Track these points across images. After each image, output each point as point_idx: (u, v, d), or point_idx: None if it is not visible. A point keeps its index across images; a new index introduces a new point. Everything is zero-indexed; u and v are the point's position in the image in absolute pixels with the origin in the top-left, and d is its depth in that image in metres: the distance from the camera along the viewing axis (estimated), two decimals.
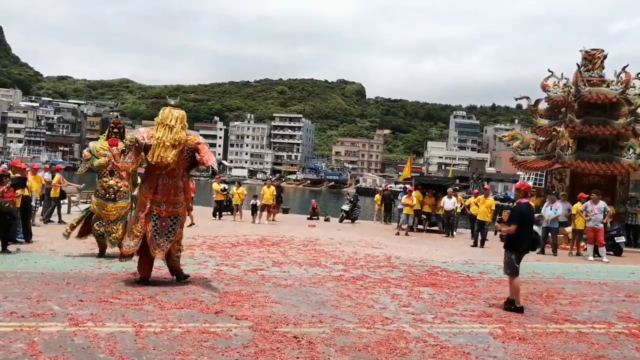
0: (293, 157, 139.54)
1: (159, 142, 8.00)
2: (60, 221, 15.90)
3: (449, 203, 19.24)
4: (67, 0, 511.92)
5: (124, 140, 10.31)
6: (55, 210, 16.41)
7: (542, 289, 9.56)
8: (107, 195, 10.32)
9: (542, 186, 23.77)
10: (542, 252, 15.21)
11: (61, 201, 17.14)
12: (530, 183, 43.80)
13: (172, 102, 8.64)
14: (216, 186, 22.04)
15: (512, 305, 7.71)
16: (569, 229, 16.14)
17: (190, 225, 15.99)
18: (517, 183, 9.02)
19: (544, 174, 23.11)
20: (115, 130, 10.78)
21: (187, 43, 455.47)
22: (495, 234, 18.98)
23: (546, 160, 19.37)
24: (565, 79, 19.83)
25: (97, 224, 10.34)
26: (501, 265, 10.96)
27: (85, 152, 10.80)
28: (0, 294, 6.80)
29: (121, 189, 10.46)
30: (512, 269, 7.82)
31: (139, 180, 9.81)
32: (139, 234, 8.13)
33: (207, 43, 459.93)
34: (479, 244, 16.19)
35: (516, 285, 7.79)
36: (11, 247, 10.48)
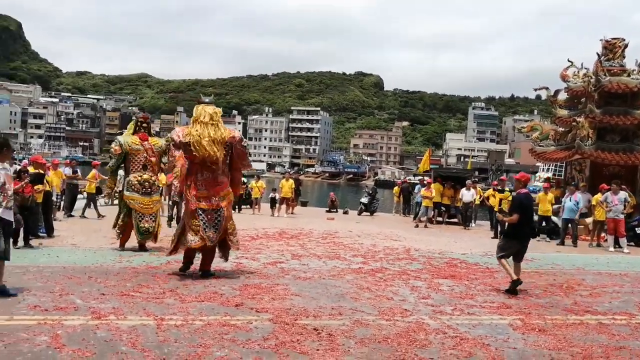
0: (311, 150, 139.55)
1: (198, 138, 8.18)
2: (100, 215, 16.20)
3: (467, 195, 19.14)
4: None
5: (167, 140, 10.22)
6: (74, 205, 16.66)
7: (562, 280, 9.49)
8: (144, 189, 10.42)
9: (562, 177, 23.51)
10: (562, 243, 15.09)
11: (96, 196, 17.35)
12: (550, 174, 43.27)
13: (207, 100, 8.85)
14: None
15: (512, 287, 8.13)
16: (589, 220, 15.98)
17: None
18: (517, 174, 9.31)
19: (564, 165, 22.86)
20: (144, 125, 11.01)
21: (204, 38, 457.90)
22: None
23: (566, 151, 19.13)
24: (585, 68, 19.54)
25: (142, 220, 10.38)
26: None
27: (115, 147, 10.74)
28: (24, 287, 6.92)
29: (155, 182, 10.69)
30: (500, 250, 8.50)
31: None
32: (198, 228, 8.30)
33: (225, 37, 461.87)
34: (499, 235, 16.04)
35: (505, 264, 8.38)
36: (33, 242, 10.65)
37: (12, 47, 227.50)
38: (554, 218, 16.50)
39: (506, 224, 9.24)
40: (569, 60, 19.76)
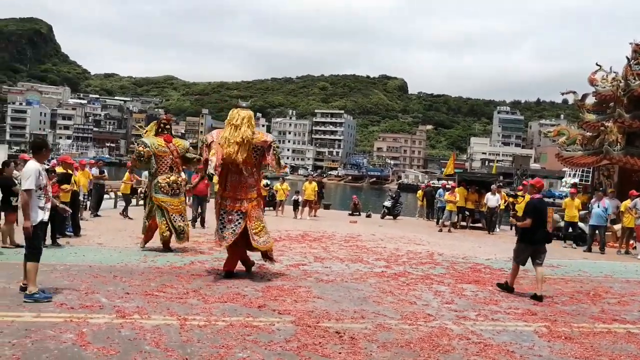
0: (334, 153, 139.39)
1: (226, 140, 8.37)
2: (126, 216, 16.42)
3: (492, 200, 18.92)
4: (114, 0, 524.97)
5: (203, 140, 10.07)
6: (101, 205, 16.90)
7: (589, 288, 9.32)
8: (172, 190, 10.51)
9: (589, 183, 23.12)
10: (589, 250, 14.83)
11: (131, 197, 17.60)
12: (577, 180, 42.71)
13: (244, 104, 9.03)
14: None
15: (504, 287, 8.59)
16: (617, 227, 15.67)
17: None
18: (533, 179, 9.60)
19: (591, 170, 22.46)
20: (167, 126, 11.06)
21: (229, 40, 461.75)
22: (511, 228, 18.63)
23: (593, 156, 18.82)
24: (614, 72, 19.22)
25: (177, 221, 10.44)
26: (546, 263, 10.99)
27: (145, 149, 10.54)
28: (51, 286, 7.03)
29: (181, 183, 10.79)
30: (515, 255, 8.67)
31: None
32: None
33: (249, 40, 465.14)
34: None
35: (516, 270, 8.65)
36: (61, 241, 10.83)
37: (44, 50, 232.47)
38: (580, 224, 16.24)
39: (512, 228, 9.28)
40: (597, 64, 19.46)
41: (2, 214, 10.36)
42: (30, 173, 6.48)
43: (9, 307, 5.99)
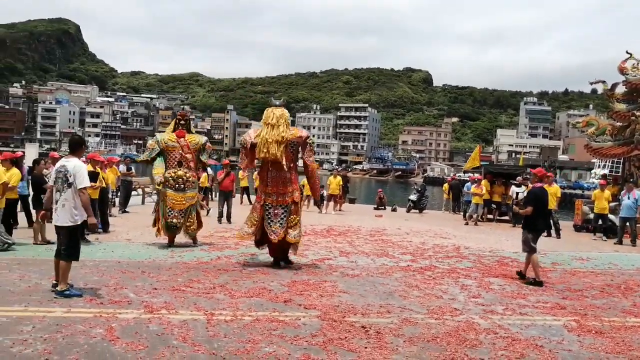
0: (359, 147, 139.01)
1: (263, 139, 8.88)
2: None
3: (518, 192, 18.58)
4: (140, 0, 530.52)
5: (242, 143, 10.15)
6: (129, 201, 17.13)
7: (620, 281, 9.15)
8: (177, 185, 10.54)
9: (619, 174, 22.63)
10: (620, 242, 14.55)
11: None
12: (606, 171, 41.82)
13: (277, 103, 9.31)
14: None
15: (531, 279, 8.54)
16: None
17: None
18: (535, 169, 9.75)
19: (621, 161, 21.98)
20: (182, 122, 11.09)
21: (253, 37, 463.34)
22: (514, 216, 18.27)
23: (624, 146, 18.41)
24: None
25: (170, 215, 10.51)
26: (575, 256, 10.83)
27: (151, 142, 11.11)
28: (81, 281, 7.16)
29: (190, 179, 10.70)
30: (529, 246, 8.76)
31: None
32: (255, 222, 9.14)
33: (273, 36, 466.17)
34: (553, 234, 15.58)
35: (535, 260, 8.68)
36: (90, 237, 11.01)
37: (72, 50, 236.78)
38: (611, 216, 15.92)
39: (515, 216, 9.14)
40: (627, 52, 18.94)
41: (34, 211, 10.58)
42: (85, 171, 6.74)
43: (41, 303, 6.12)
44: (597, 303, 7.46)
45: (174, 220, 10.52)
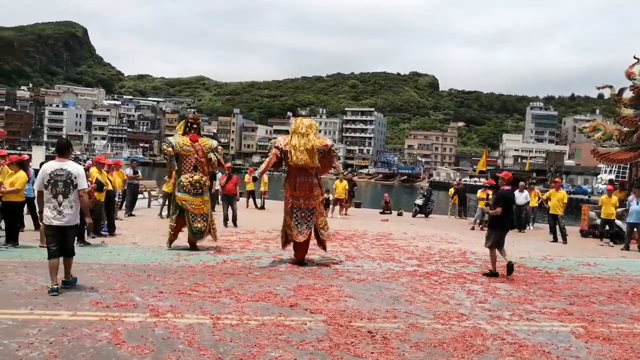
0: (365, 151, 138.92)
1: (294, 148, 9.61)
2: (161, 215, 16.69)
3: (520, 197, 18.35)
4: (146, 1, 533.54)
5: (272, 144, 10.53)
6: (135, 205, 17.18)
7: (628, 287, 9.08)
8: (195, 190, 10.49)
9: (626, 179, 22.52)
10: (627, 248, 14.46)
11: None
12: (613, 176, 41.68)
13: (303, 113, 9.95)
14: None
15: (488, 271, 9.58)
16: None
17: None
18: (502, 173, 10.59)
19: (628, 166, 21.87)
20: (194, 126, 10.93)
21: (260, 39, 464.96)
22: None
23: (631, 152, 18.33)
24: None
25: (195, 221, 10.49)
26: (582, 262, 10.84)
27: (167, 148, 10.71)
28: (88, 284, 7.17)
29: (206, 183, 10.73)
30: (491, 242, 9.64)
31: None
32: (290, 225, 9.76)
33: (280, 39, 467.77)
34: (559, 239, 15.50)
35: (494, 256, 9.60)
36: (96, 240, 11.04)
37: (79, 53, 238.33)
38: (618, 222, 15.84)
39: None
40: (635, 57, 18.87)
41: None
42: (84, 173, 7.16)
43: (47, 306, 6.12)
44: (604, 309, 7.40)
45: (199, 225, 10.50)
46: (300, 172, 9.72)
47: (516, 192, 18.52)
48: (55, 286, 6.65)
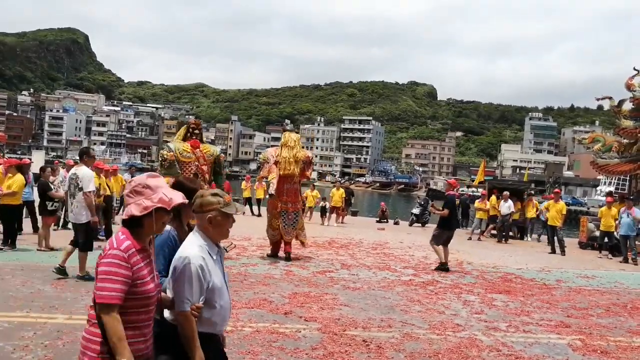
0: (362, 160, 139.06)
1: (284, 159, 10.82)
2: None
3: (503, 207, 18.28)
4: (147, 8, 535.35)
5: (262, 158, 11.31)
6: None
7: (627, 300, 9.05)
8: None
9: (626, 191, 22.54)
10: (626, 260, 14.42)
11: None
12: (612, 188, 41.63)
13: (288, 128, 10.38)
14: None
15: (441, 266, 10.77)
16: None
17: None
18: (450, 180, 12.15)
19: (628, 178, 21.90)
20: (196, 131, 10.40)
21: (260, 46, 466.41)
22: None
23: (631, 163, 18.35)
24: None
25: None
26: (580, 274, 10.95)
27: (167, 154, 10.05)
28: (84, 288, 7.14)
29: None
30: (437, 240, 10.93)
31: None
32: (277, 227, 10.90)
33: (279, 46, 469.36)
34: (557, 250, 15.45)
35: (439, 250, 10.86)
36: (94, 244, 10.97)
37: (80, 59, 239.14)
38: (617, 234, 15.81)
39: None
40: (635, 69, 18.94)
41: (40, 218, 10.59)
42: (90, 177, 7.94)
43: (43, 309, 6.10)
44: (602, 322, 7.37)
45: None
46: (287, 180, 10.91)
47: (502, 202, 18.42)
48: (60, 266, 7.73)
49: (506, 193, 18.65)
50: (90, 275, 7.18)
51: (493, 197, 19.23)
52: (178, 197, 2.66)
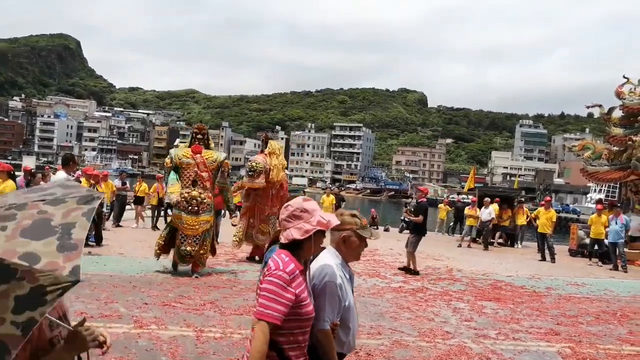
0: (353, 166, 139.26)
1: (275, 167, 11.34)
2: (155, 227, 16.40)
3: (484, 213, 18.29)
4: (139, 15, 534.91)
5: (253, 165, 11.30)
6: (123, 216, 17.04)
7: (616, 308, 9.09)
8: (190, 207, 9.18)
9: (616, 199, 22.67)
10: (616, 268, 14.47)
11: (161, 208, 17.49)
12: (602, 195, 41.87)
13: (272, 137, 10.66)
14: None
15: (409, 270, 11.27)
16: None
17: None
18: (422, 187, 12.63)
19: (618, 185, 22.04)
20: (199, 136, 9.77)
21: (251, 53, 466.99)
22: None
23: (620, 171, 18.46)
24: None
25: (184, 242, 9.26)
26: (570, 281, 11.04)
27: (166, 160, 9.85)
28: (73, 294, 7.06)
29: (205, 200, 9.35)
30: (414, 247, 11.45)
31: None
32: (267, 231, 11.19)
33: (270, 52, 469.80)
34: (547, 258, 15.49)
35: (414, 256, 11.41)
36: (83, 250, 10.89)
37: (72, 65, 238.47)
38: (607, 241, 15.88)
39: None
40: (624, 77, 19.08)
41: None
42: (61, 181, 7.33)
43: None
44: (592, 330, 7.39)
45: (188, 248, 9.21)
46: (274, 186, 11.45)
47: (482, 209, 18.43)
48: None
49: (487, 199, 18.67)
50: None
51: (495, 205, 19.10)
52: (334, 220, 2.74)
